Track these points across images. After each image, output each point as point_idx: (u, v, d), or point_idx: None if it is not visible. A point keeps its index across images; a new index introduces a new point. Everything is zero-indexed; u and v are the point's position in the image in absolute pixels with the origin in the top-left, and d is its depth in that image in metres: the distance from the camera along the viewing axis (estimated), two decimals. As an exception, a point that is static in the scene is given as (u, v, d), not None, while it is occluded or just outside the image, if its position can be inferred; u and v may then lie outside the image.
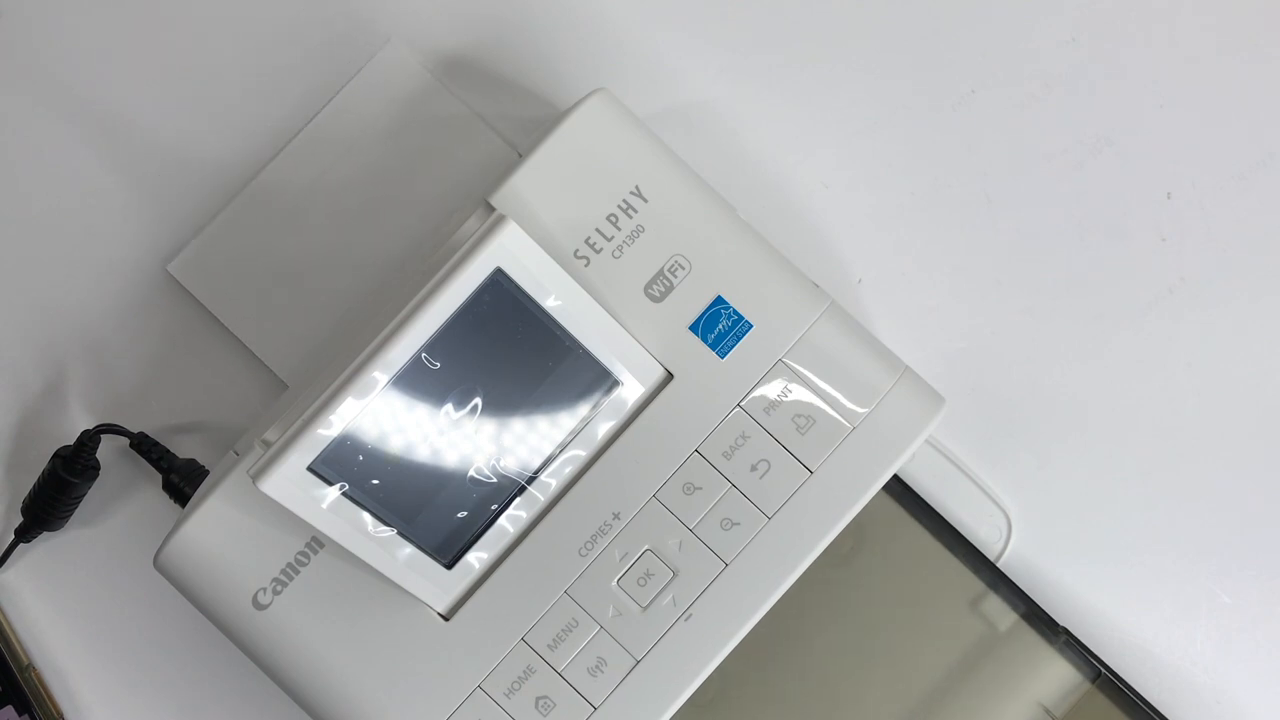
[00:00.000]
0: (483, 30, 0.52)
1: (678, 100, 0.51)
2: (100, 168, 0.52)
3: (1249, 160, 0.51)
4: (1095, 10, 0.51)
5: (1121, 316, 0.51)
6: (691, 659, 0.43)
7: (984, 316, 0.51)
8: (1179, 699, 0.49)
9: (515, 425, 0.42)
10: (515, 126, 0.51)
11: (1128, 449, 0.50)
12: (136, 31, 0.52)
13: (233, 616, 0.43)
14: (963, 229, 0.51)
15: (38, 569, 0.51)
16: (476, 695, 0.43)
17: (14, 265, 0.52)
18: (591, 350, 0.42)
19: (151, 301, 0.51)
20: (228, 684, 0.50)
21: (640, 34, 0.51)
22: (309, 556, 0.43)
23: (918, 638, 0.49)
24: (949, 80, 0.51)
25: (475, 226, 0.43)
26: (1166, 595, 0.50)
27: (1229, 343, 0.51)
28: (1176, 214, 0.51)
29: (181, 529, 0.43)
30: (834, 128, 0.51)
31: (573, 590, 0.43)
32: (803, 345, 0.43)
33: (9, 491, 0.51)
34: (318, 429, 0.40)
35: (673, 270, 0.43)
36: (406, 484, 0.41)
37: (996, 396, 0.51)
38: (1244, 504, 0.50)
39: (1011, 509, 0.50)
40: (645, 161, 0.44)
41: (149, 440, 0.50)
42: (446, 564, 0.43)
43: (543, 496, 0.43)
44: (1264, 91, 0.51)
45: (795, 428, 0.43)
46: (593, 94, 0.44)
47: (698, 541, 0.43)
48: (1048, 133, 0.51)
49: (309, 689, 0.43)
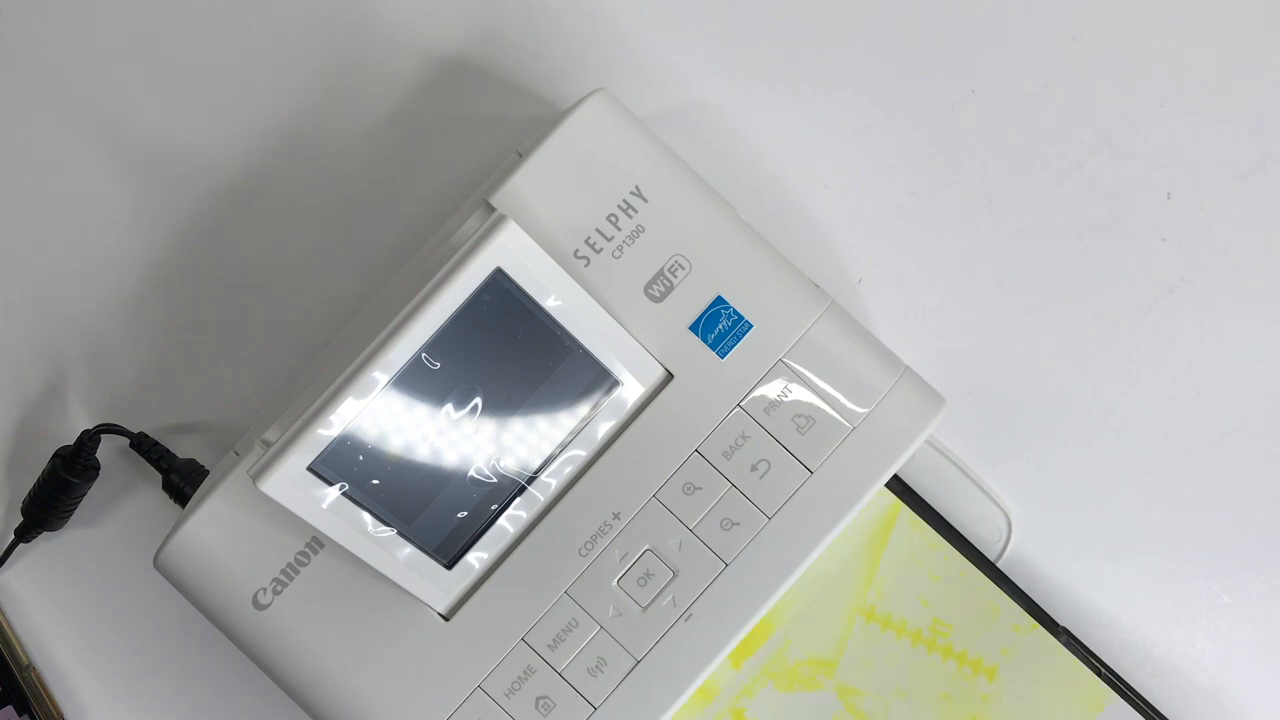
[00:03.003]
0: (483, 30, 0.52)
1: (678, 100, 0.51)
2: (101, 168, 0.52)
3: (1249, 160, 0.51)
4: (1095, 10, 0.51)
5: (1121, 316, 0.51)
6: (691, 659, 0.43)
7: (984, 316, 0.51)
8: (1179, 699, 0.49)
9: (515, 425, 0.42)
10: (515, 126, 0.51)
11: (1128, 449, 0.50)
12: (138, 31, 0.52)
13: (233, 616, 0.43)
14: (963, 229, 0.51)
15: (38, 569, 0.51)
16: (476, 695, 0.43)
17: (14, 265, 0.52)
18: (591, 350, 0.42)
19: (151, 301, 0.51)
20: (228, 684, 0.50)
21: (640, 34, 0.51)
22: (309, 556, 0.43)
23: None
24: (949, 80, 0.51)
25: (475, 226, 0.43)
26: (1166, 595, 0.50)
27: (1229, 343, 0.51)
28: (1176, 214, 0.51)
29: (181, 529, 0.43)
30: (834, 128, 0.51)
31: (573, 590, 0.43)
32: (803, 345, 0.43)
33: (9, 491, 0.51)
34: (318, 429, 0.40)
35: (673, 270, 0.43)
36: (407, 484, 0.41)
37: (996, 396, 0.51)
38: (1244, 504, 0.50)
39: (1011, 509, 0.50)
40: (645, 161, 0.44)
41: (149, 440, 0.50)
42: (446, 564, 0.43)
43: (543, 496, 0.43)
44: (1264, 91, 0.51)
45: (795, 428, 0.43)
46: (593, 94, 0.44)
47: (698, 541, 0.43)
48: (1048, 133, 0.51)
49: (309, 689, 0.43)
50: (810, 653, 0.48)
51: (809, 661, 0.48)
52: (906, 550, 0.48)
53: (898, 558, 0.48)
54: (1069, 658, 0.47)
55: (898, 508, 0.48)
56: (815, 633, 0.48)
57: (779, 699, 0.48)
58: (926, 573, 0.48)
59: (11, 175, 0.52)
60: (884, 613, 0.48)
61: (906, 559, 0.48)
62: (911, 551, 0.48)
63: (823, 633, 0.48)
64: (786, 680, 0.48)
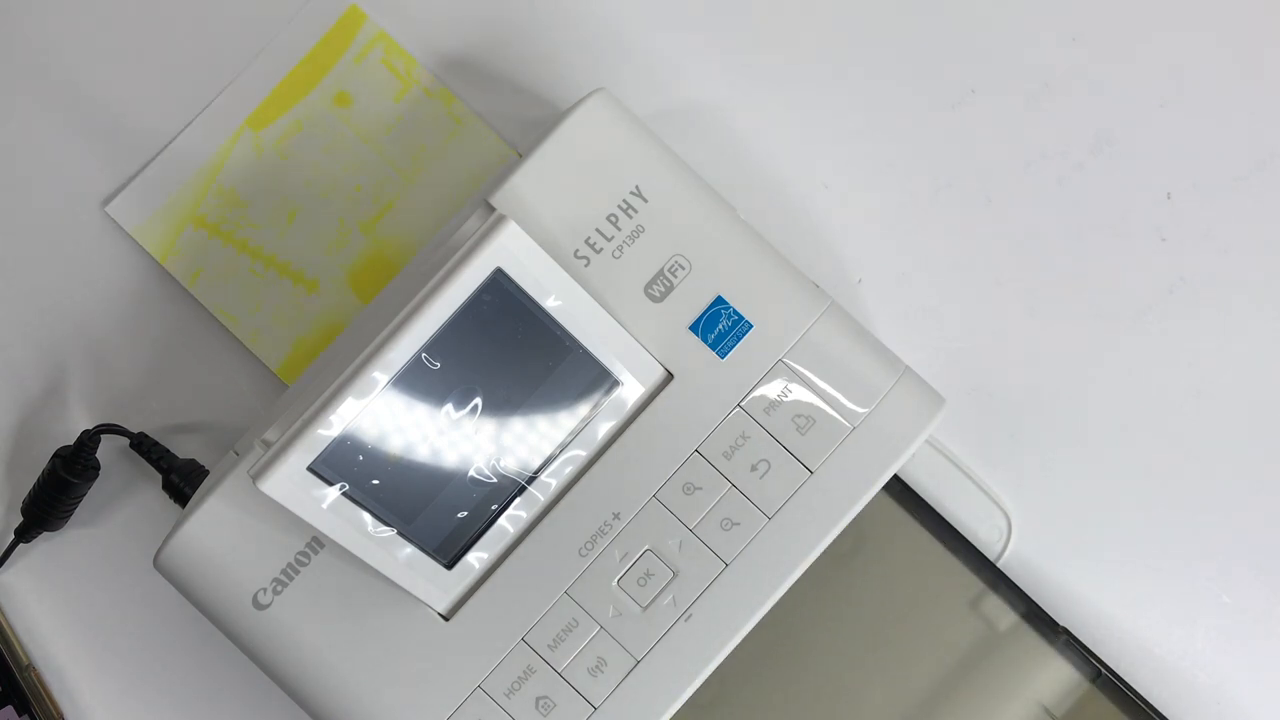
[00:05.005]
0: (483, 30, 0.52)
1: (678, 100, 0.51)
2: (101, 168, 0.52)
3: (1249, 160, 0.51)
4: (1095, 10, 0.51)
5: (1121, 316, 0.51)
6: (691, 659, 0.43)
7: (984, 316, 0.51)
8: (1179, 699, 0.49)
9: (515, 425, 0.42)
10: (515, 126, 0.51)
11: (1128, 449, 0.50)
12: (140, 31, 0.52)
13: (233, 616, 0.43)
14: (962, 229, 0.51)
15: (38, 569, 0.51)
16: (477, 695, 0.43)
17: (14, 265, 0.52)
18: (591, 350, 0.42)
19: (151, 301, 0.51)
20: (228, 684, 0.50)
21: (640, 34, 0.51)
22: (309, 556, 0.43)
23: (918, 638, 0.49)
24: (950, 80, 0.51)
25: (475, 226, 0.43)
26: (1166, 595, 0.50)
27: (1229, 343, 0.51)
28: (1176, 214, 0.51)
29: (181, 529, 0.43)
30: (834, 128, 0.51)
31: (573, 590, 0.43)
32: (803, 345, 0.43)
33: (9, 491, 0.51)
34: (318, 429, 0.40)
35: (673, 270, 0.43)
36: (407, 484, 0.41)
37: (996, 396, 0.51)
38: (1244, 504, 0.50)
39: (1011, 509, 0.50)
40: (645, 161, 0.44)
41: (149, 440, 0.50)
42: (447, 564, 0.43)
43: (543, 496, 0.43)
44: (1264, 92, 0.51)
45: (795, 428, 0.43)
46: (593, 94, 0.44)
47: (698, 541, 0.43)
48: (1048, 132, 0.51)
49: (309, 689, 0.43)
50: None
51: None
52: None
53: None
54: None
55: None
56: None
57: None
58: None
59: (12, 175, 0.52)
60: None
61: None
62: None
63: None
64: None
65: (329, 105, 0.51)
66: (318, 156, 0.51)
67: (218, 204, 0.50)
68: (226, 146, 0.50)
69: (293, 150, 0.51)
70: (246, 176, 0.51)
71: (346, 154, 0.51)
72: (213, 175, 0.50)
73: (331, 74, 0.51)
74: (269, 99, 0.51)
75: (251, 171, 0.51)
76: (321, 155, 0.51)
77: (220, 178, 0.50)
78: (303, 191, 0.51)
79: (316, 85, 0.51)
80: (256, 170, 0.51)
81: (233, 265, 0.50)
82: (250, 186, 0.51)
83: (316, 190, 0.51)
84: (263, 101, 0.51)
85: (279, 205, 0.50)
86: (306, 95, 0.51)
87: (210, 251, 0.51)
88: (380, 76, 0.51)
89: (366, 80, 0.51)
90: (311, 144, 0.51)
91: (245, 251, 0.50)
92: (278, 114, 0.51)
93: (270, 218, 0.50)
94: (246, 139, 0.51)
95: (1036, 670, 0.48)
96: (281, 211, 0.50)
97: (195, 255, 0.50)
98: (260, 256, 0.50)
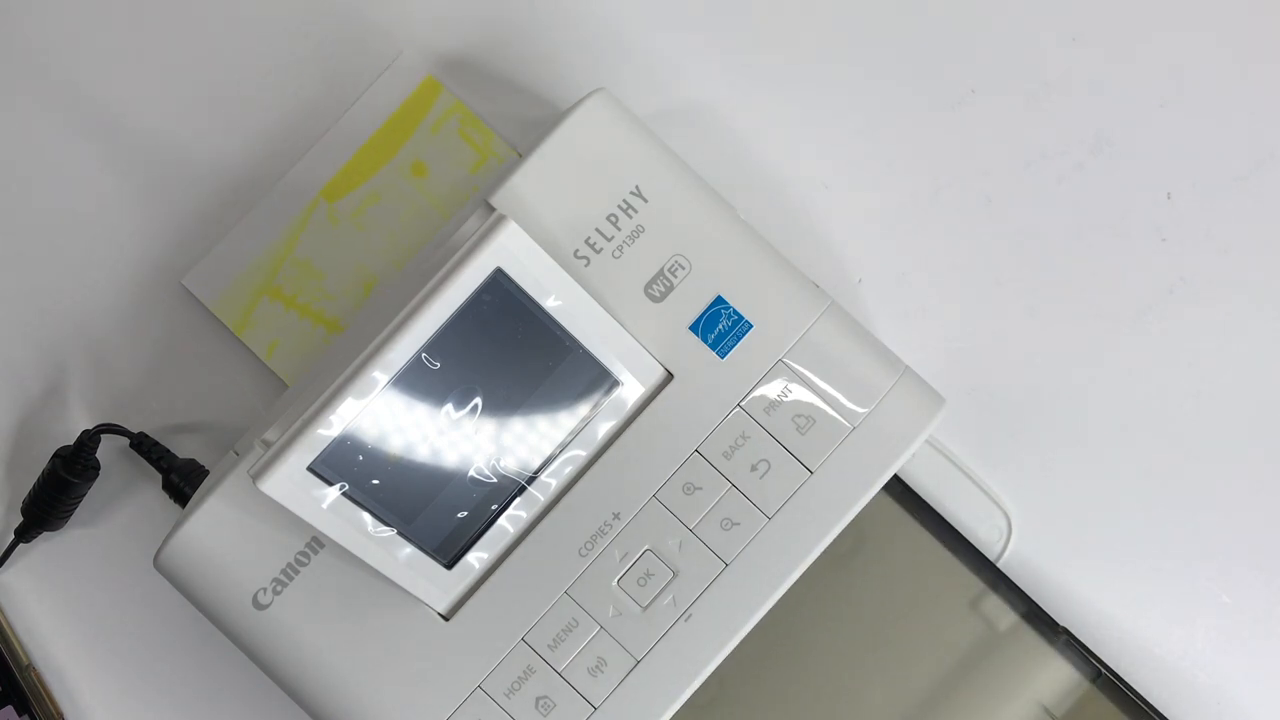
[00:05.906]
0: (483, 30, 0.52)
1: (678, 100, 0.51)
2: (102, 168, 0.52)
3: (1249, 160, 0.51)
4: (1095, 10, 0.51)
5: (1122, 316, 0.51)
6: (691, 659, 0.43)
7: (984, 317, 0.51)
8: (1179, 699, 0.49)
9: (515, 425, 0.42)
10: (515, 126, 0.51)
11: (1128, 449, 0.50)
12: (145, 33, 0.52)
13: (233, 616, 0.43)
14: (963, 229, 0.51)
15: (38, 569, 0.51)
16: (476, 695, 0.43)
17: (15, 265, 0.52)
18: (591, 350, 0.42)
19: (151, 302, 0.51)
20: (228, 684, 0.50)
21: (640, 34, 0.51)
22: (309, 556, 0.43)
23: (918, 638, 0.49)
24: (949, 80, 0.51)
25: (475, 226, 0.43)
26: (1166, 595, 0.50)
27: (1229, 343, 0.51)
28: (1176, 214, 0.51)
29: (181, 529, 0.43)
30: (834, 127, 0.51)
31: (573, 590, 0.43)
32: (803, 345, 0.43)
33: (9, 491, 0.51)
34: (318, 429, 0.40)
35: (673, 270, 0.43)
36: (406, 484, 0.41)
37: (996, 396, 0.51)
38: (1244, 504, 0.50)
39: (1011, 509, 0.50)
40: (645, 161, 0.44)
41: (149, 440, 0.50)
42: (446, 564, 0.43)
43: (543, 496, 0.43)
44: (1264, 91, 0.51)
45: (795, 428, 0.43)
46: (593, 94, 0.44)
47: (698, 541, 0.43)
48: (1048, 132, 0.51)
49: (309, 689, 0.43)
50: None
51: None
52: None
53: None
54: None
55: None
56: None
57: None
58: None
59: (13, 175, 0.52)
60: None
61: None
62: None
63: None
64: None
65: (405, 175, 0.51)
66: (394, 227, 0.51)
67: (293, 275, 0.50)
68: (301, 218, 0.50)
69: (369, 221, 0.50)
70: (322, 247, 0.50)
71: (423, 224, 0.51)
72: (289, 247, 0.50)
73: (408, 145, 0.51)
74: (344, 170, 0.51)
75: (327, 242, 0.51)
76: (398, 225, 0.51)
77: (296, 250, 0.50)
78: (379, 261, 0.50)
79: (394, 156, 0.51)
80: (333, 241, 0.51)
81: (308, 338, 0.50)
82: (326, 258, 0.50)
83: (393, 260, 0.50)
84: (338, 172, 0.50)
85: (355, 276, 0.50)
86: (383, 166, 0.51)
87: (287, 323, 0.50)
88: (456, 146, 0.51)
89: (442, 150, 0.51)
90: (388, 214, 0.51)
91: (321, 323, 0.50)
92: (354, 185, 0.51)
93: (345, 288, 0.50)
94: (321, 210, 0.50)
95: (1036, 670, 0.48)
96: (358, 282, 0.50)
97: (271, 327, 0.50)
98: (338, 329, 0.50)
